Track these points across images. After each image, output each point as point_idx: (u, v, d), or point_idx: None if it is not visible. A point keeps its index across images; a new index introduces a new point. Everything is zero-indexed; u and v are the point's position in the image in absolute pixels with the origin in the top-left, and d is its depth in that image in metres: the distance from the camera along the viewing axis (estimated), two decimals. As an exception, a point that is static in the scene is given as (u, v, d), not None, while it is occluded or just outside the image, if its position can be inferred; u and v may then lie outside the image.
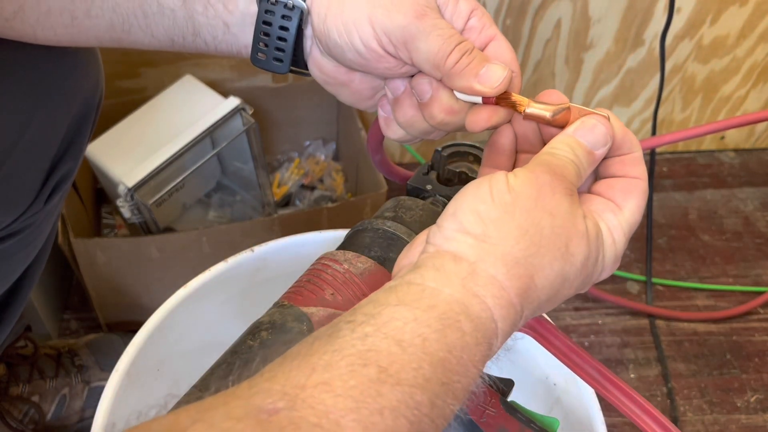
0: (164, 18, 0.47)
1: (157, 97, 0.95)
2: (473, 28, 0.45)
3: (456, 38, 0.43)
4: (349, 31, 0.43)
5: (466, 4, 0.44)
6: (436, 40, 0.42)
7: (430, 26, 0.42)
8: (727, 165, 1.26)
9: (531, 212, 0.37)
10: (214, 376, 0.44)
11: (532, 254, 0.37)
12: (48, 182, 0.59)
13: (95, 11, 0.48)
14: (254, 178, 0.99)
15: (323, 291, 0.47)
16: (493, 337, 0.36)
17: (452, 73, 0.43)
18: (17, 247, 0.60)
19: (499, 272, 0.36)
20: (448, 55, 0.42)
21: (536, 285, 0.37)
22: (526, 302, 0.37)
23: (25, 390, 0.82)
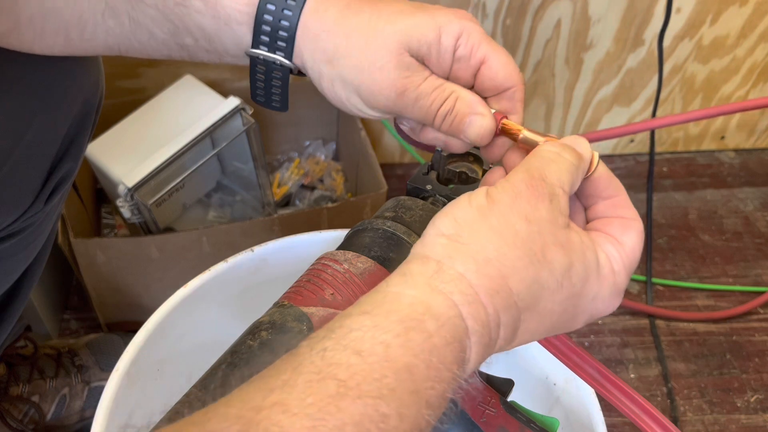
0: (157, 44, 0.48)
1: (157, 97, 0.95)
2: (462, 57, 0.44)
3: (437, 102, 0.44)
4: (342, 103, 0.46)
5: (449, 38, 0.44)
6: (418, 111, 0.45)
7: (412, 99, 0.44)
8: (727, 165, 1.26)
9: (506, 216, 0.36)
10: (214, 376, 0.44)
11: (504, 254, 0.35)
12: (48, 182, 0.59)
13: (88, 35, 0.48)
14: (254, 178, 0.99)
15: (323, 291, 0.47)
16: (464, 337, 0.34)
17: (441, 130, 0.46)
18: (17, 247, 0.60)
19: (468, 269, 0.35)
20: (433, 120, 0.45)
21: (510, 288, 0.35)
22: (499, 305, 0.35)
23: (25, 390, 0.82)
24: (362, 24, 0.44)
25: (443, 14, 0.44)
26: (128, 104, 0.94)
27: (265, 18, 0.44)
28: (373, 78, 0.44)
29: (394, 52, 0.43)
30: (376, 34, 0.43)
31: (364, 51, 0.43)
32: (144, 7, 0.46)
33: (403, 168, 1.21)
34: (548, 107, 1.15)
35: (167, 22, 0.46)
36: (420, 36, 0.43)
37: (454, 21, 0.43)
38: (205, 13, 0.45)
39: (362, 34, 0.43)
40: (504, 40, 1.04)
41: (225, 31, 0.46)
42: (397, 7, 0.44)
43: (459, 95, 0.45)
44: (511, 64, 0.45)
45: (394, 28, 0.43)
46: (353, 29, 0.44)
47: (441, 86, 0.45)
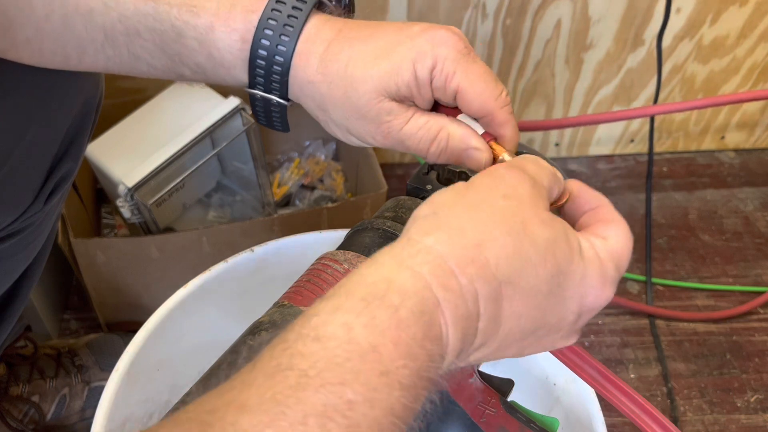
0: (158, 73, 0.49)
1: (157, 97, 0.95)
2: (438, 88, 0.44)
3: (425, 141, 0.45)
4: (339, 137, 0.47)
5: (423, 71, 0.43)
6: (410, 149, 0.45)
7: (398, 141, 0.45)
8: (727, 165, 1.26)
9: (485, 193, 0.36)
10: (214, 376, 0.44)
11: (479, 224, 0.34)
12: (48, 182, 0.59)
13: (88, 60, 0.49)
14: (254, 178, 0.99)
15: (323, 291, 0.47)
16: (435, 309, 0.32)
17: (440, 161, 0.46)
18: (17, 247, 0.60)
19: (438, 240, 0.33)
20: (426, 156, 0.45)
21: (487, 258, 0.33)
22: (474, 275, 0.33)
23: (25, 390, 0.82)
24: (341, 73, 0.44)
25: (418, 45, 0.43)
26: (128, 104, 0.94)
27: (257, 62, 0.45)
28: (358, 124, 0.45)
29: (373, 100, 0.43)
30: (354, 85, 0.43)
31: (345, 101, 0.44)
32: (142, 42, 0.46)
33: (403, 168, 1.21)
34: (548, 107, 1.15)
35: (165, 57, 0.47)
36: (397, 79, 0.43)
37: (427, 53, 0.43)
38: (200, 52, 0.45)
39: (341, 84, 0.44)
40: (504, 40, 1.04)
41: (221, 69, 0.46)
42: (373, 46, 0.44)
43: (449, 132, 0.45)
44: (486, 92, 0.43)
45: (370, 75, 0.43)
46: (333, 78, 0.44)
47: (426, 124, 0.45)
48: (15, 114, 0.53)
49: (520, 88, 1.12)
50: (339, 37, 0.44)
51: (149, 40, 0.46)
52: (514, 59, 1.07)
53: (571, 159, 1.25)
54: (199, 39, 0.45)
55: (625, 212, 1.28)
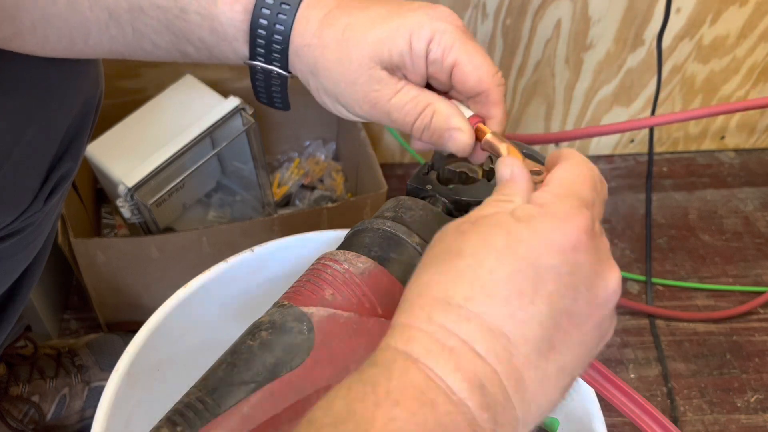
0: (161, 52, 0.49)
1: (157, 97, 0.95)
2: (435, 61, 0.44)
3: (411, 115, 0.44)
4: (330, 109, 0.47)
5: (420, 42, 0.43)
6: (394, 123, 0.45)
7: (384, 113, 0.45)
8: (727, 165, 1.26)
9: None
10: (214, 377, 0.44)
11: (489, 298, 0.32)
12: (47, 182, 0.59)
13: (93, 42, 0.49)
14: (254, 178, 0.99)
15: (323, 291, 0.47)
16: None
17: (423, 142, 0.46)
18: (17, 247, 0.60)
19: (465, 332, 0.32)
20: (411, 131, 0.45)
21: (513, 352, 0.32)
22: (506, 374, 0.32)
23: (25, 390, 0.82)
24: (336, 37, 0.44)
25: (417, 17, 0.43)
26: (128, 104, 0.94)
27: (258, 32, 0.45)
28: (348, 91, 0.45)
29: (364, 66, 0.43)
30: (348, 49, 0.44)
31: (338, 65, 0.44)
32: (146, 18, 0.46)
33: (403, 168, 1.21)
34: (548, 107, 1.15)
35: (169, 33, 0.47)
36: (391, 46, 0.43)
37: (425, 24, 0.43)
38: (203, 26, 0.46)
39: (336, 48, 0.44)
40: (504, 40, 1.04)
41: (224, 43, 0.47)
42: (372, 14, 0.44)
43: (435, 108, 0.45)
44: (484, 66, 0.43)
45: (365, 40, 0.43)
46: (328, 42, 0.44)
47: (414, 98, 0.45)
48: (14, 114, 0.53)
49: (520, 88, 1.12)
50: (340, 5, 0.45)
51: (153, 16, 0.46)
52: (514, 59, 1.07)
53: (571, 159, 1.24)
54: (202, 13, 0.45)
55: (625, 212, 1.28)
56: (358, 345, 0.45)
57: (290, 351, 0.44)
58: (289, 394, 0.43)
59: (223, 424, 0.41)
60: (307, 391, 0.43)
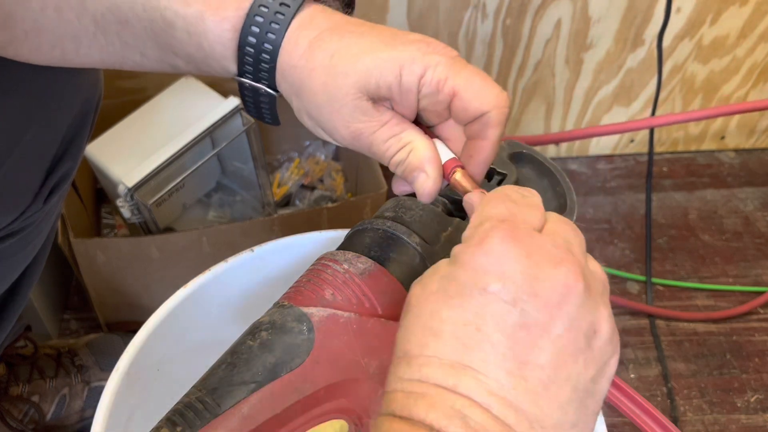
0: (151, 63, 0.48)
1: (157, 97, 0.95)
2: (428, 95, 0.43)
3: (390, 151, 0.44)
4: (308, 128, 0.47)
5: (410, 77, 0.42)
6: (375, 156, 0.45)
7: (365, 145, 0.44)
8: (727, 165, 1.26)
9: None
10: (214, 376, 0.44)
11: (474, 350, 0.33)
12: (47, 182, 0.59)
13: (84, 51, 0.48)
14: (254, 178, 0.99)
15: (323, 291, 0.47)
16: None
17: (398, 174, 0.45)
18: (16, 247, 0.60)
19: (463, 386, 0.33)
20: (389, 162, 0.45)
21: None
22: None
23: (25, 390, 0.82)
24: (324, 62, 0.43)
25: (409, 52, 0.42)
26: (128, 104, 0.94)
27: (246, 50, 0.44)
28: (330, 118, 0.44)
29: (350, 95, 0.42)
30: (336, 76, 0.42)
31: (323, 91, 0.43)
32: (132, 30, 0.46)
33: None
34: (548, 107, 1.15)
35: (156, 46, 0.46)
36: (378, 78, 0.42)
37: (417, 60, 0.42)
38: (190, 43, 0.45)
39: (322, 73, 0.43)
40: (504, 40, 1.04)
41: (211, 60, 0.46)
42: (364, 42, 0.43)
43: (413, 147, 0.44)
44: (486, 88, 0.42)
45: (354, 68, 0.42)
46: (316, 66, 0.43)
47: (397, 136, 0.44)
48: (14, 114, 0.53)
49: (520, 88, 1.12)
50: (333, 28, 0.43)
51: (139, 29, 0.45)
52: (514, 59, 1.07)
53: (571, 159, 1.25)
54: (189, 30, 0.44)
55: (625, 212, 1.28)
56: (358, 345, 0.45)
57: (290, 351, 0.44)
58: (289, 395, 0.43)
59: (223, 424, 0.41)
60: (307, 391, 0.43)
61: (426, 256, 0.49)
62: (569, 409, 0.33)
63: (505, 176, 0.50)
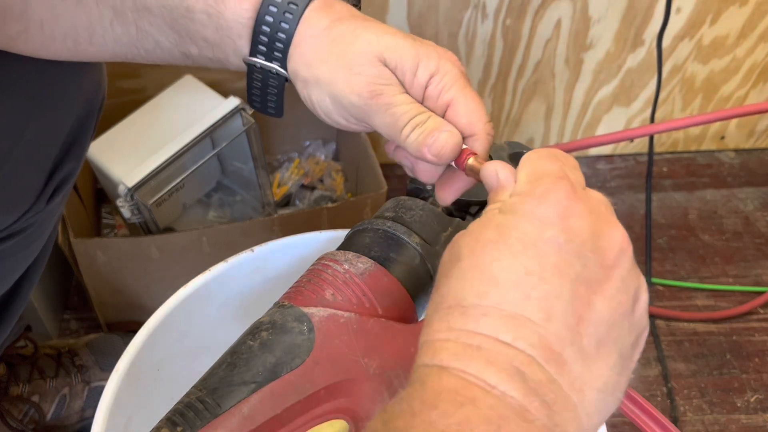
0: (163, 53, 0.49)
1: (157, 97, 0.95)
2: (430, 96, 0.44)
3: (409, 114, 0.44)
4: (315, 108, 0.47)
5: (424, 72, 0.44)
6: (388, 118, 0.44)
7: (384, 105, 0.44)
8: (727, 165, 1.26)
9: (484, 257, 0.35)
10: (214, 376, 0.44)
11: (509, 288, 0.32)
12: (50, 182, 0.59)
13: (97, 41, 0.49)
14: (254, 178, 0.99)
15: (324, 291, 0.47)
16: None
17: (405, 144, 0.45)
18: (18, 247, 0.60)
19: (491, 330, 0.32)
20: (401, 130, 0.44)
21: (547, 329, 0.32)
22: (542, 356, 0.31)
23: (25, 390, 0.82)
24: (347, 33, 0.44)
25: (427, 49, 0.44)
26: (128, 104, 0.94)
27: (263, 29, 0.45)
28: (347, 81, 0.44)
29: (373, 59, 0.44)
30: (359, 40, 0.44)
31: (344, 54, 0.44)
32: (151, 17, 0.47)
33: (403, 168, 1.21)
34: (548, 107, 1.15)
35: (173, 32, 0.47)
36: (399, 57, 0.43)
37: (433, 57, 0.44)
38: (208, 25, 0.46)
39: (345, 40, 0.44)
40: (504, 40, 1.04)
41: (226, 41, 0.47)
42: (387, 27, 0.45)
43: (432, 114, 0.45)
44: (477, 113, 0.44)
45: (377, 41, 0.44)
46: (337, 37, 0.44)
47: (415, 102, 0.45)
48: (16, 114, 0.53)
49: (520, 88, 1.12)
50: (353, 15, 0.45)
51: (158, 15, 0.46)
52: (514, 59, 1.07)
53: (571, 159, 1.24)
54: (209, 11, 0.45)
55: (625, 212, 1.28)
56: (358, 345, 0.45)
57: (290, 351, 0.44)
58: (289, 395, 0.43)
59: (223, 424, 0.41)
60: (307, 391, 0.43)
61: (426, 256, 0.50)
62: (614, 373, 0.33)
63: (505, 176, 0.50)
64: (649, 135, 0.99)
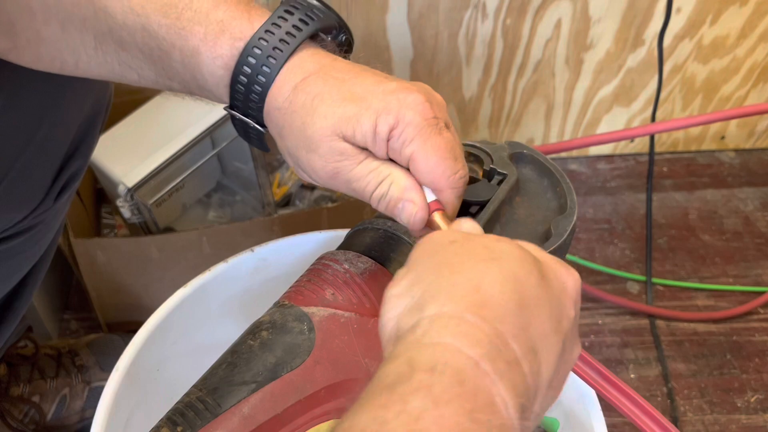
0: (150, 84, 0.49)
1: (157, 97, 0.95)
2: (393, 149, 0.43)
3: (370, 187, 0.44)
4: (291, 165, 0.47)
5: (384, 126, 0.42)
6: (354, 192, 0.45)
7: (343, 182, 0.44)
8: (727, 165, 1.26)
9: (435, 249, 0.37)
10: (214, 376, 0.44)
11: (457, 271, 0.34)
12: (58, 180, 0.59)
13: (83, 66, 0.49)
14: (254, 178, 0.99)
15: (324, 291, 0.47)
16: (476, 373, 0.29)
17: (380, 210, 0.45)
18: (26, 244, 0.60)
19: (440, 304, 0.32)
20: (369, 199, 0.44)
21: (492, 295, 0.32)
22: (493, 316, 0.32)
23: (26, 390, 0.82)
24: (306, 103, 0.43)
25: (386, 102, 0.43)
26: (128, 104, 0.94)
27: (238, 88, 0.45)
28: (308, 158, 0.44)
29: (326, 137, 0.43)
30: (315, 117, 0.43)
31: (300, 132, 0.44)
32: (130, 54, 0.47)
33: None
34: (548, 107, 1.15)
35: (153, 70, 0.47)
36: (356, 126, 0.43)
37: (393, 111, 0.42)
38: (185, 73, 0.46)
39: (303, 114, 0.44)
40: (504, 40, 1.04)
41: (204, 90, 0.47)
42: (345, 90, 0.44)
43: (393, 179, 0.44)
44: (438, 168, 0.43)
45: (333, 113, 0.43)
46: (297, 108, 0.44)
47: (377, 169, 0.44)
48: (29, 112, 0.54)
49: (520, 88, 1.12)
50: (319, 72, 0.44)
51: (137, 54, 0.46)
52: (514, 59, 1.07)
53: (572, 159, 1.25)
54: (184, 62, 0.45)
55: (625, 212, 1.28)
56: (358, 345, 0.45)
57: (291, 351, 0.44)
58: (289, 394, 0.43)
59: (223, 423, 0.41)
60: (307, 391, 0.43)
61: (426, 256, 0.49)
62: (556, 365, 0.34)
63: (506, 176, 0.50)
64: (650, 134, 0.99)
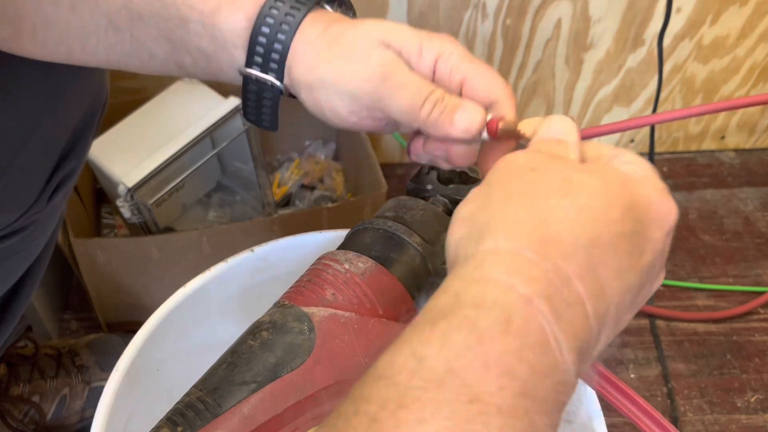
0: (156, 63, 0.48)
1: (157, 97, 0.95)
2: (441, 78, 0.43)
3: (424, 92, 0.42)
4: (324, 112, 0.46)
5: (430, 53, 0.43)
6: (405, 98, 0.42)
7: (396, 85, 0.42)
8: (727, 165, 1.26)
9: (510, 176, 0.34)
10: (214, 376, 0.44)
11: (529, 201, 0.31)
12: (51, 180, 0.59)
13: (90, 49, 0.48)
14: (254, 178, 0.99)
15: (324, 291, 0.47)
16: (528, 310, 0.27)
17: (428, 125, 0.43)
18: (20, 245, 0.60)
19: (499, 239, 0.30)
20: (420, 109, 0.42)
21: (558, 232, 0.30)
22: (555, 253, 0.29)
23: (26, 390, 0.82)
24: (344, 28, 0.44)
25: (426, 35, 0.44)
26: (128, 104, 0.94)
27: (259, 40, 0.44)
28: (354, 69, 0.43)
29: (375, 44, 0.43)
30: (358, 30, 0.43)
31: (345, 47, 0.43)
32: (145, 27, 0.46)
33: (403, 168, 1.21)
34: (548, 107, 1.15)
35: (167, 42, 0.47)
36: (402, 39, 0.43)
37: (435, 40, 0.43)
38: (203, 35, 0.45)
39: (343, 35, 0.43)
40: (504, 40, 1.04)
41: (222, 51, 0.46)
42: (383, 21, 0.45)
43: (445, 92, 0.44)
44: (494, 79, 0.43)
45: (376, 24, 0.43)
46: (334, 34, 0.44)
47: (428, 80, 0.44)
48: (25, 112, 0.54)
49: (520, 88, 1.12)
50: (343, 18, 0.45)
51: (153, 26, 0.46)
52: (514, 59, 1.07)
53: (571, 159, 1.24)
54: (204, 22, 0.45)
55: (625, 212, 1.25)
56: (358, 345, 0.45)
57: (291, 351, 0.44)
58: (290, 395, 0.43)
59: (223, 424, 0.41)
60: (307, 391, 0.43)
61: (426, 256, 0.50)
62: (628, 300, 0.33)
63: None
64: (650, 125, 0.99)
